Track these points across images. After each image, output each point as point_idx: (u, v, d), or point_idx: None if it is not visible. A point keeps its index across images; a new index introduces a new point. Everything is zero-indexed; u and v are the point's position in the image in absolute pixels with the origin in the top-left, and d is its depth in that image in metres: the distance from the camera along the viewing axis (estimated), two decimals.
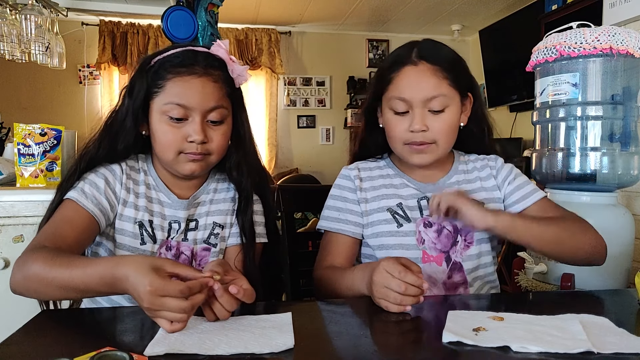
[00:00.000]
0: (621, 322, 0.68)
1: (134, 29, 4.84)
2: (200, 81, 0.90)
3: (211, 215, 1.01)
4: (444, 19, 4.98)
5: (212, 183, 1.05)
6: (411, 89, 0.97)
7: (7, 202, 1.51)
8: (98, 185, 0.91)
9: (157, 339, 0.63)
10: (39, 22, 2.32)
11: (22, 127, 1.53)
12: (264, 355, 0.59)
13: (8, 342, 0.62)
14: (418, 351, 0.64)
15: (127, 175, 0.96)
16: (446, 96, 0.97)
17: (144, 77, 0.92)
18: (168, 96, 0.90)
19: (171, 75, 0.91)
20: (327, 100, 5.54)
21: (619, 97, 1.41)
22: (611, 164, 1.43)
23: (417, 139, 0.97)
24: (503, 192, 1.05)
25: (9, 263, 1.51)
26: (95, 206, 0.89)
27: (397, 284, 0.73)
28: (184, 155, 0.92)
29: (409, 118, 0.98)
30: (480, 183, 1.06)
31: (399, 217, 1.01)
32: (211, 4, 2.27)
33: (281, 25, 5.27)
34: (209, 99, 0.91)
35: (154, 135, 0.94)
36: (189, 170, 0.93)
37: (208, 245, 1.00)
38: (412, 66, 0.98)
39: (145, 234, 0.94)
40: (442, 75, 0.96)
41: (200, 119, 0.91)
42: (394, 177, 1.07)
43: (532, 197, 1.02)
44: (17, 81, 4.57)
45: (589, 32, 1.35)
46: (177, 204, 0.98)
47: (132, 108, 0.93)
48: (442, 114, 0.97)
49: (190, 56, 0.92)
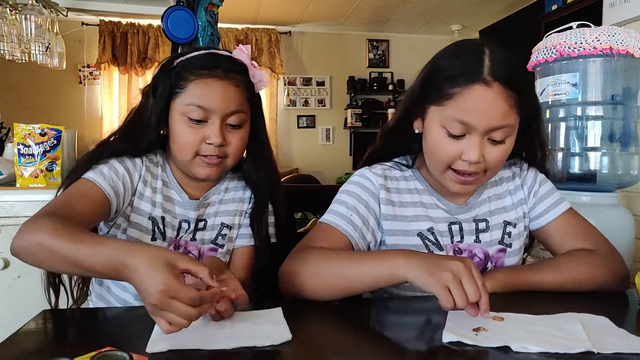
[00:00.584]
0: (621, 322, 0.68)
1: (134, 29, 4.84)
2: (221, 84, 0.91)
3: (219, 215, 1.02)
4: (444, 19, 4.98)
5: (224, 183, 1.05)
6: (477, 115, 0.81)
7: (7, 202, 1.51)
8: (117, 170, 0.91)
9: (155, 336, 0.63)
10: (39, 22, 2.32)
11: (22, 127, 1.53)
12: (265, 348, 0.60)
13: (8, 342, 0.62)
14: (418, 351, 0.64)
15: (147, 168, 0.96)
16: (512, 126, 0.83)
17: (167, 77, 0.93)
18: (189, 97, 0.91)
19: (193, 77, 0.91)
20: (327, 100, 5.54)
21: (619, 97, 1.41)
22: (611, 164, 1.43)
23: (469, 169, 0.84)
24: (528, 206, 0.98)
25: (9, 263, 1.51)
26: (112, 188, 0.88)
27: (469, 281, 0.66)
28: (200, 158, 0.93)
29: (464, 144, 0.83)
30: (510, 199, 0.98)
31: (429, 244, 0.91)
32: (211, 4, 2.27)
33: (281, 25, 5.27)
34: (230, 102, 0.92)
35: (172, 135, 0.94)
36: (204, 175, 0.94)
37: (215, 246, 1.00)
38: (483, 86, 0.80)
39: (157, 230, 0.95)
40: (513, 102, 0.81)
41: (220, 122, 0.91)
42: (423, 194, 0.95)
43: (553, 211, 0.95)
44: (17, 81, 4.57)
45: (589, 32, 1.35)
46: (188, 204, 0.99)
47: (156, 108, 0.93)
48: (502, 144, 0.84)
49: (213, 59, 0.93)
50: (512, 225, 0.95)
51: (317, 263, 0.80)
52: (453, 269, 0.67)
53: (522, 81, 0.83)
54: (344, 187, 0.95)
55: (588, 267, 0.87)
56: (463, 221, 0.93)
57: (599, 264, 0.88)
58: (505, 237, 0.94)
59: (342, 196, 0.93)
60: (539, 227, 0.97)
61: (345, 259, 0.78)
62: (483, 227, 0.94)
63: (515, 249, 0.95)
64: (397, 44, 5.64)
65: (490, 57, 0.82)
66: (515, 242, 0.95)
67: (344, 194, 0.94)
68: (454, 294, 0.65)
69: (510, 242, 0.94)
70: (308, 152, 5.48)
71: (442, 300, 0.65)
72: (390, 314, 0.74)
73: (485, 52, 0.83)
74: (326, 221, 0.90)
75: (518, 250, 0.96)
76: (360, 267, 0.75)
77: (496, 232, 0.94)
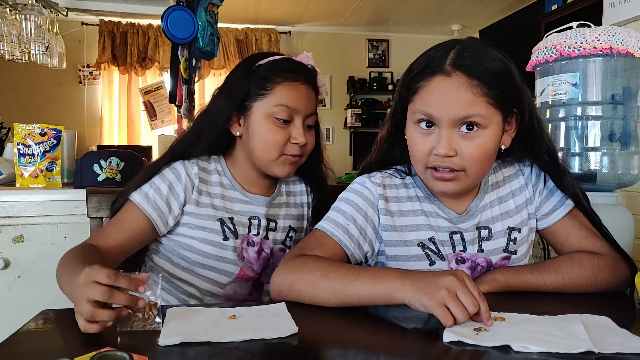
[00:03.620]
0: (621, 323, 0.68)
1: (133, 29, 4.84)
2: (305, 88, 0.99)
3: (287, 219, 1.08)
4: (444, 19, 4.98)
5: (282, 186, 1.11)
6: (439, 105, 0.79)
7: (7, 202, 1.51)
8: (161, 191, 0.96)
9: (167, 330, 0.64)
10: (39, 22, 2.32)
11: (22, 127, 1.53)
12: (272, 340, 0.62)
13: (8, 342, 0.62)
14: (419, 350, 0.64)
15: (200, 178, 0.99)
16: (483, 117, 0.79)
17: (246, 80, 0.99)
18: (277, 98, 0.97)
19: (281, 80, 0.97)
20: (327, 100, 5.53)
21: (619, 97, 1.41)
22: (611, 163, 1.43)
23: (442, 164, 0.81)
24: (534, 205, 0.95)
25: (9, 263, 1.51)
26: (155, 210, 0.95)
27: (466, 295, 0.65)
28: (284, 157, 0.99)
29: (433, 138, 0.81)
30: (514, 201, 0.94)
31: (431, 254, 0.89)
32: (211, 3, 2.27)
33: (281, 25, 5.27)
34: (311, 104, 1.01)
35: (255, 135, 0.98)
36: (285, 173, 1.00)
37: (284, 247, 1.06)
38: (443, 76, 0.79)
39: (227, 230, 0.99)
40: (480, 92, 0.78)
41: (301, 123, 0.99)
42: (424, 202, 0.92)
43: (558, 210, 0.93)
44: (17, 81, 4.57)
45: (589, 32, 1.35)
46: (255, 200, 1.04)
47: (230, 108, 0.99)
48: (475, 137, 0.80)
49: (295, 64, 1.01)
50: (516, 230, 0.93)
51: (314, 275, 0.77)
52: (447, 286, 0.66)
53: (492, 71, 0.79)
54: (343, 195, 0.94)
55: (590, 271, 0.86)
56: (465, 230, 0.91)
57: (602, 268, 0.87)
58: (510, 245, 0.92)
59: (341, 204, 0.91)
60: (545, 227, 0.95)
61: (342, 276, 0.76)
62: (486, 235, 0.92)
63: (521, 255, 0.93)
64: (397, 44, 5.64)
65: (458, 50, 0.80)
66: (520, 247, 0.93)
67: (342, 202, 0.92)
68: (452, 311, 0.64)
69: (516, 249, 0.92)
70: None
71: (443, 319, 0.64)
72: (392, 312, 0.74)
73: (455, 47, 0.81)
74: (322, 229, 0.89)
75: (523, 256, 0.93)
76: (358, 287, 0.74)
77: (500, 240, 0.92)
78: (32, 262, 1.51)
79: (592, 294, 0.86)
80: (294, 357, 0.60)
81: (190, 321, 0.68)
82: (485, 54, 0.80)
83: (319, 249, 0.86)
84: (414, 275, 0.72)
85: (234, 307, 0.74)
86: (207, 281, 1.00)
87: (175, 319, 0.68)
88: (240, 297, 1.03)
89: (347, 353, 0.63)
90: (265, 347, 0.61)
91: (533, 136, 0.89)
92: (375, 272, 0.76)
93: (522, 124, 0.86)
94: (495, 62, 0.80)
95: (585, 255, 0.89)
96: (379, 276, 0.74)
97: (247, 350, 0.60)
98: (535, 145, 0.90)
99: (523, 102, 0.84)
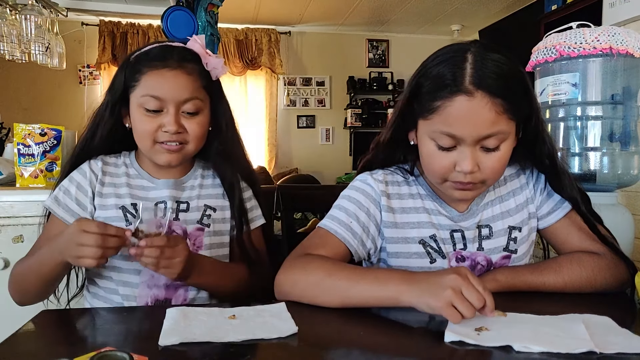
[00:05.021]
0: (622, 322, 0.68)
1: (134, 29, 4.84)
2: (173, 74, 0.95)
3: (202, 198, 1.05)
4: (443, 19, 4.98)
5: (198, 169, 1.09)
6: (463, 126, 0.79)
7: (7, 202, 1.51)
8: (70, 191, 0.99)
9: (166, 330, 0.64)
10: (39, 22, 2.32)
11: (22, 127, 1.53)
12: (272, 340, 0.62)
13: (8, 342, 0.62)
14: (420, 350, 0.64)
15: (102, 171, 1.01)
16: (504, 133, 0.80)
17: (122, 72, 0.99)
18: (144, 89, 0.95)
19: (147, 69, 0.96)
20: (327, 100, 5.54)
21: (619, 97, 1.41)
22: (611, 163, 1.43)
23: (464, 180, 0.82)
24: (535, 204, 0.95)
25: (8, 263, 1.50)
26: (66, 212, 0.98)
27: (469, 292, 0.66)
28: (160, 146, 0.97)
29: (456, 155, 0.81)
30: (514, 201, 0.95)
31: (432, 252, 0.90)
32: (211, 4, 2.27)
33: (281, 25, 5.27)
34: (183, 91, 0.95)
35: (133, 126, 0.99)
36: (165, 161, 0.98)
37: (201, 226, 1.03)
38: (466, 97, 0.77)
39: (129, 215, 0.98)
40: (502, 109, 0.78)
41: (175, 111, 0.95)
42: (426, 199, 0.93)
43: (558, 210, 0.94)
44: (17, 81, 4.57)
45: (589, 32, 1.35)
46: (160, 184, 1.03)
47: (112, 101, 0.99)
48: (496, 151, 0.81)
49: (166, 51, 0.98)
50: (517, 229, 0.93)
51: (318, 276, 0.78)
52: (452, 285, 0.66)
53: (511, 86, 0.79)
54: (345, 192, 0.94)
55: (590, 272, 0.86)
56: (465, 229, 0.91)
57: (602, 268, 0.87)
58: (510, 244, 0.92)
59: (343, 202, 0.92)
60: (546, 227, 0.95)
61: (346, 277, 0.76)
62: (486, 234, 0.92)
63: (521, 254, 0.93)
64: (396, 44, 5.64)
65: (473, 65, 0.78)
66: (521, 247, 0.93)
67: (344, 199, 0.92)
68: (460, 309, 0.65)
69: (516, 248, 0.92)
70: (308, 152, 5.48)
71: (451, 318, 0.65)
72: (393, 312, 0.74)
73: (467, 59, 0.79)
74: (325, 227, 0.89)
75: (524, 255, 0.93)
76: (363, 289, 0.75)
77: (501, 239, 0.92)
78: None
79: (593, 294, 0.86)
80: (294, 357, 0.61)
81: (189, 321, 0.68)
82: (503, 67, 0.79)
83: (322, 247, 0.86)
84: (418, 277, 0.72)
85: (233, 307, 0.74)
86: (126, 272, 0.96)
87: (175, 319, 0.68)
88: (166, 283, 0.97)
89: (349, 353, 0.63)
90: (266, 348, 0.61)
91: (534, 140, 0.89)
92: (379, 274, 0.76)
93: (527, 127, 0.87)
94: (514, 76, 0.80)
95: (585, 255, 0.89)
96: (383, 279, 0.74)
97: (247, 350, 0.60)
98: (536, 149, 0.90)
99: (533, 107, 0.85)
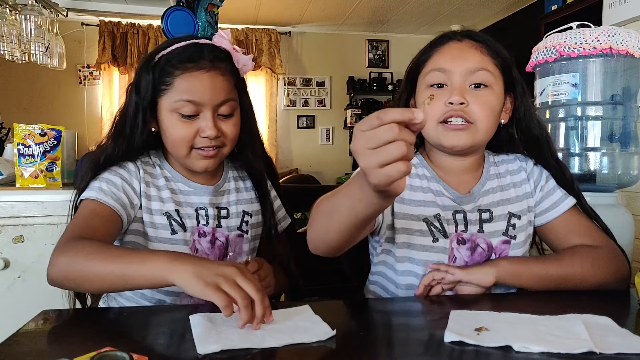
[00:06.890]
0: (621, 322, 0.68)
1: (134, 29, 4.84)
2: (208, 76, 0.90)
3: (240, 204, 1.03)
4: (444, 19, 4.98)
5: (229, 171, 1.06)
6: (452, 61, 0.90)
7: (7, 202, 1.51)
8: (115, 182, 0.90)
9: (200, 338, 0.61)
10: (38, 23, 2.31)
11: (22, 127, 1.53)
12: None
13: (8, 342, 0.62)
14: (420, 351, 0.64)
15: (144, 170, 0.95)
16: (489, 72, 0.89)
17: (149, 74, 0.91)
18: (177, 93, 0.89)
19: (179, 72, 0.89)
20: (327, 101, 5.54)
21: (619, 97, 1.41)
22: (611, 164, 1.43)
23: (455, 113, 0.88)
24: (534, 200, 0.98)
25: (8, 263, 1.50)
26: (116, 202, 0.88)
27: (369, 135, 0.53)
28: (196, 152, 0.92)
29: (447, 92, 0.89)
30: (515, 191, 0.97)
31: (435, 230, 0.91)
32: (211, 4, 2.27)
33: (281, 25, 5.27)
34: (219, 93, 0.90)
35: (164, 132, 0.93)
36: (202, 167, 0.94)
37: (241, 232, 1.01)
38: (455, 41, 0.92)
39: (174, 223, 0.94)
40: (486, 52, 0.90)
41: (212, 114, 0.90)
42: (431, 181, 0.96)
43: (559, 206, 0.95)
44: (17, 81, 4.57)
45: (589, 32, 1.35)
46: (200, 190, 0.99)
47: (142, 106, 0.92)
48: (483, 92, 0.89)
49: (196, 50, 0.91)
50: (516, 217, 0.95)
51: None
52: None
53: (497, 46, 0.92)
54: None
55: (591, 263, 0.88)
56: (467, 211, 0.93)
57: (602, 260, 0.88)
58: (509, 229, 0.94)
59: None
60: (544, 223, 0.97)
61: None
62: (487, 217, 0.94)
63: (520, 242, 0.94)
64: (396, 44, 5.64)
65: (462, 28, 0.94)
66: (519, 234, 0.94)
67: None
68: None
69: (515, 234, 0.94)
70: (308, 153, 5.48)
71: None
72: (393, 313, 0.74)
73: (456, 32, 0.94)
74: None
75: (522, 243, 0.95)
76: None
77: (500, 223, 0.94)
78: (32, 263, 1.50)
79: (593, 293, 0.86)
80: None
81: (219, 327, 0.65)
82: (494, 40, 0.93)
83: None
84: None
85: None
86: None
87: (203, 326, 0.65)
88: None
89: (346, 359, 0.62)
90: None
91: (540, 143, 0.96)
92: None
93: (516, 111, 0.96)
94: (498, 43, 0.93)
95: (586, 248, 0.91)
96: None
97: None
98: (544, 151, 0.97)
99: (518, 86, 0.95)
